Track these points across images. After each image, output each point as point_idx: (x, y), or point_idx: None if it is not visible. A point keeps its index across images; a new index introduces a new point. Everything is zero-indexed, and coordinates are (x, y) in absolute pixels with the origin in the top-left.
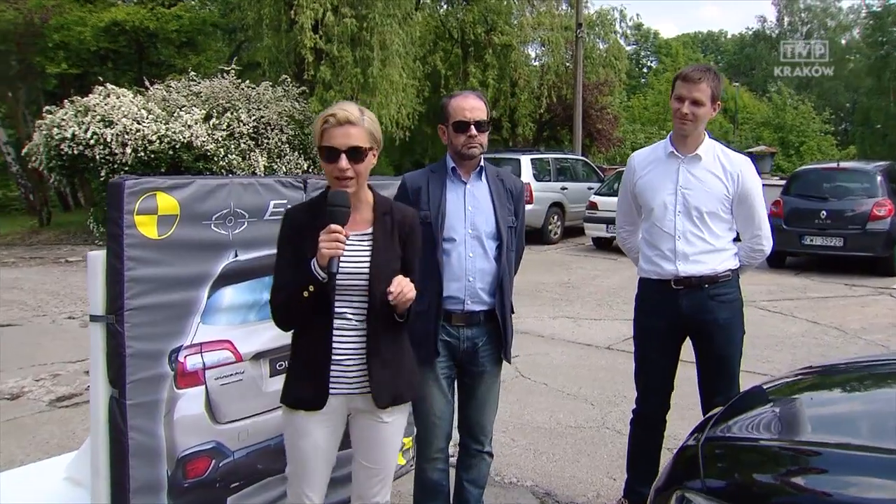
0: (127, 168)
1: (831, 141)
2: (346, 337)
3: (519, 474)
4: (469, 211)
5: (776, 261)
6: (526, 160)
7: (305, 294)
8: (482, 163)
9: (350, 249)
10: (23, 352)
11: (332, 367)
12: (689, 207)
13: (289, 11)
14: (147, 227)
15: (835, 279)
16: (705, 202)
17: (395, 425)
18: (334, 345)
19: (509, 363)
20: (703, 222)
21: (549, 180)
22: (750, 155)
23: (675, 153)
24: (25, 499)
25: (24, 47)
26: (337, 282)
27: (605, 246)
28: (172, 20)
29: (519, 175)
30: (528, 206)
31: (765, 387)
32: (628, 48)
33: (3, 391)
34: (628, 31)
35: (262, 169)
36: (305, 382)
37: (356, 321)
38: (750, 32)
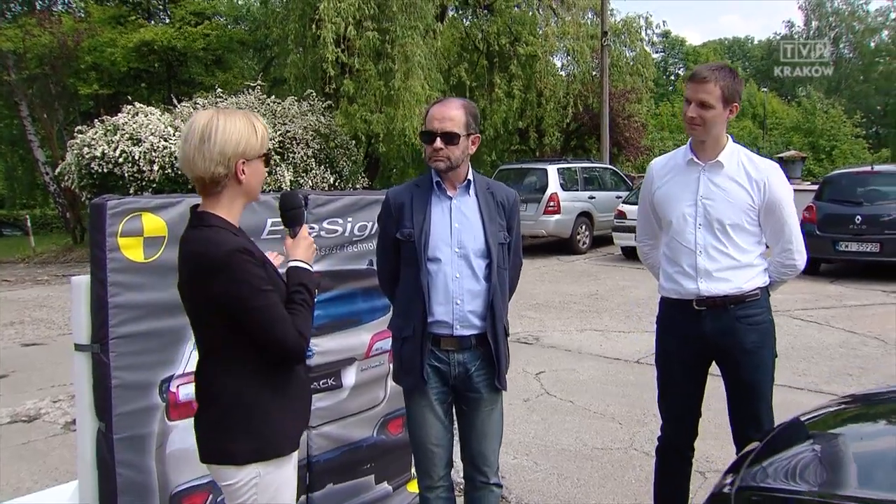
0: (155, 185)
1: (863, 144)
2: None
3: (542, 501)
4: (455, 228)
5: (810, 268)
6: (553, 170)
7: None
8: (470, 175)
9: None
10: (44, 372)
11: None
12: (711, 219)
13: (312, 27)
14: (132, 250)
15: (872, 286)
16: (728, 213)
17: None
18: None
19: (504, 390)
20: (726, 235)
21: (577, 189)
22: (779, 160)
23: (695, 160)
24: None
25: (58, 70)
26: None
27: (633, 255)
28: (199, 39)
29: (546, 185)
30: (555, 217)
31: (803, 419)
32: (655, 56)
33: (20, 413)
34: (655, 39)
35: (289, 183)
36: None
37: None
38: (777, 37)
